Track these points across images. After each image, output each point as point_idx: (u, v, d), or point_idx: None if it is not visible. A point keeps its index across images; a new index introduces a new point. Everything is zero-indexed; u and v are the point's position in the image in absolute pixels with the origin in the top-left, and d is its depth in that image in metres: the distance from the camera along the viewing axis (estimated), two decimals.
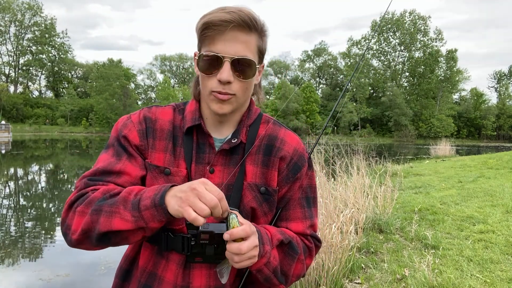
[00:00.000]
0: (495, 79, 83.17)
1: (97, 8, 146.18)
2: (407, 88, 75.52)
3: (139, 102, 72.89)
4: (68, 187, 12.38)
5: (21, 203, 9.87)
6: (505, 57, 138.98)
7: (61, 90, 78.64)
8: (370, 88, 74.28)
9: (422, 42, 73.33)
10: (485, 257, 4.21)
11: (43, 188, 12.33)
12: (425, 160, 19.28)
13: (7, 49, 75.11)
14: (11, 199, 10.34)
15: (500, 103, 74.49)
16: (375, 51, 75.48)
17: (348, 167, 6.26)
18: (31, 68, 76.26)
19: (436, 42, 73.34)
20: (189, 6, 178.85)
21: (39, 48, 74.63)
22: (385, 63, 77.14)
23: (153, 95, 77.98)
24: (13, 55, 74.27)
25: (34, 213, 8.64)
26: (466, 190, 8.44)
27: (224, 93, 1.00)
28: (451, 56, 71.70)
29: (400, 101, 64.67)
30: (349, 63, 72.82)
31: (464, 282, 3.57)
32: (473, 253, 4.34)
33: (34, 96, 76.41)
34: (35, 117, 66.62)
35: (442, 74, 73.22)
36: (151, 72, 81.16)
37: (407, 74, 76.83)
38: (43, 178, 14.91)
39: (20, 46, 74.19)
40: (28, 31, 74.78)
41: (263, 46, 1.06)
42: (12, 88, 72.50)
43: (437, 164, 15.90)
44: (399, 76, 75.96)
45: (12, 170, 16.82)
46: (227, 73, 0.98)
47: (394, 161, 12.85)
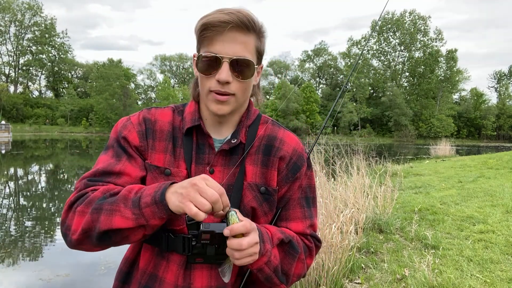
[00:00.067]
0: (495, 79, 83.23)
1: (97, 8, 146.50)
2: (407, 88, 75.51)
3: (139, 102, 72.90)
4: (68, 187, 12.38)
5: (21, 203, 9.87)
6: (505, 57, 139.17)
7: (61, 90, 78.67)
8: (370, 88, 74.26)
9: (422, 42, 73.34)
10: (485, 257, 4.21)
11: (43, 188, 12.33)
12: (425, 160, 19.27)
13: (7, 49, 75.29)
14: (11, 199, 10.34)
15: (500, 103, 74.49)
16: (375, 51, 75.49)
17: (348, 167, 6.26)
18: (31, 68, 76.31)
19: (436, 42, 73.45)
20: (188, 6, 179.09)
21: (39, 48, 74.66)
22: (385, 63, 77.15)
23: (153, 95, 78.01)
24: (13, 55, 74.39)
25: (34, 213, 8.64)
26: (466, 190, 8.44)
27: (223, 93, 1.01)
28: (451, 56, 71.71)
29: (400, 101, 64.66)
30: (349, 63, 72.79)
31: (464, 282, 3.58)
32: (473, 253, 4.35)
33: (34, 96, 76.46)
34: (35, 117, 66.65)
35: (442, 74, 73.22)
36: (151, 72, 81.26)
37: (407, 74, 76.83)
38: (43, 178, 14.90)
39: (20, 46, 74.24)
40: (28, 31, 74.84)
41: (262, 47, 1.07)
42: (12, 88, 72.62)
43: (437, 164, 15.90)
44: (399, 76, 75.95)
45: (12, 170, 16.82)
46: (226, 73, 0.98)
47: (394, 161, 12.85)
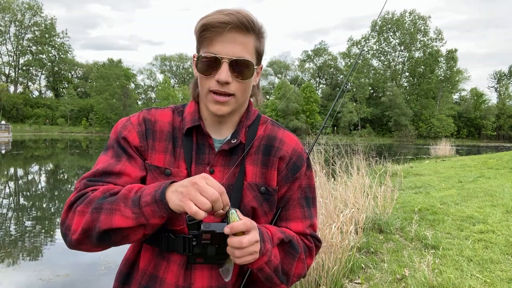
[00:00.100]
0: (495, 79, 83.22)
1: (97, 8, 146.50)
2: (407, 88, 75.50)
3: (139, 102, 72.90)
4: (68, 187, 12.38)
5: (21, 203, 9.87)
6: (505, 57, 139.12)
7: (61, 90, 78.67)
8: (370, 88, 74.25)
9: (422, 42, 73.34)
10: (485, 257, 4.21)
11: (43, 188, 12.33)
12: (425, 160, 19.27)
13: (7, 49, 75.27)
14: (11, 199, 10.35)
15: (500, 103, 74.48)
16: (375, 51, 75.49)
17: (348, 167, 6.26)
18: (31, 68, 76.31)
19: (436, 42, 73.44)
20: (189, 6, 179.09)
21: (39, 48, 74.66)
22: (385, 63, 77.14)
23: (153, 95, 78.01)
24: (13, 55, 74.39)
25: (34, 213, 8.64)
26: (466, 190, 8.44)
27: (222, 93, 1.01)
28: (451, 56, 71.70)
29: (400, 101, 64.66)
30: (349, 63, 72.78)
31: (464, 282, 3.58)
32: (473, 253, 4.35)
33: (34, 96, 76.47)
34: (35, 117, 66.65)
35: (442, 74, 73.21)
36: (151, 72, 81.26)
37: (407, 74, 76.82)
38: (43, 178, 14.90)
39: (20, 46, 74.24)
40: (28, 31, 74.84)
41: (261, 47, 1.07)
42: (12, 88, 72.62)
43: (437, 164, 15.89)
44: (399, 76, 75.94)
45: (12, 170, 16.82)
46: (225, 73, 0.99)
47: (394, 161, 12.85)
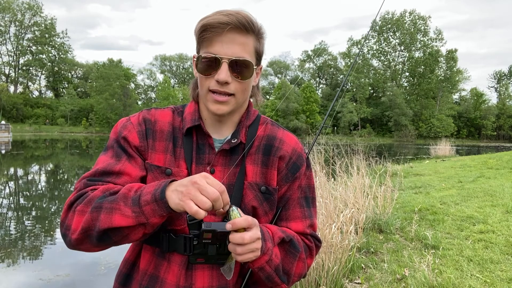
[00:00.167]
0: (495, 79, 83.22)
1: (97, 8, 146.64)
2: (407, 88, 75.50)
3: (139, 102, 72.93)
4: (68, 187, 12.38)
5: (21, 203, 9.87)
6: (505, 57, 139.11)
7: (61, 90, 78.71)
8: (370, 88, 74.26)
9: (422, 42, 73.33)
10: (485, 257, 4.21)
11: (43, 188, 12.32)
12: (425, 160, 19.27)
13: (7, 49, 75.35)
14: (11, 199, 10.34)
15: (500, 103, 74.46)
16: (375, 51, 75.47)
17: (348, 167, 6.26)
18: (31, 68, 76.34)
19: (436, 42, 73.43)
20: (189, 6, 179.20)
21: (39, 48, 74.67)
22: (385, 63, 77.12)
23: (153, 95, 78.06)
24: (13, 55, 74.41)
25: (34, 213, 8.64)
26: (466, 190, 8.44)
27: (221, 92, 1.02)
28: (451, 56, 71.70)
29: (400, 101, 64.65)
30: (349, 63, 72.77)
31: (464, 282, 3.58)
32: (473, 253, 4.34)
33: (34, 96, 76.49)
34: (35, 117, 66.66)
35: (442, 74, 73.20)
36: (151, 72, 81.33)
37: (407, 74, 76.81)
38: (43, 178, 14.90)
39: (20, 46, 74.25)
40: (28, 31, 74.86)
41: (261, 48, 1.07)
42: (12, 88, 72.67)
43: (437, 164, 15.89)
44: (399, 76, 75.93)
45: (12, 170, 16.82)
46: (225, 73, 0.99)
47: (394, 161, 12.85)
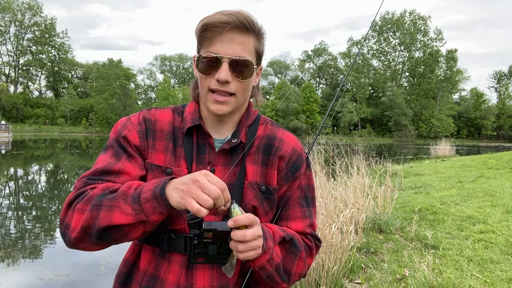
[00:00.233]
0: (495, 79, 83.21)
1: (97, 8, 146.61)
2: (407, 88, 75.47)
3: (139, 102, 72.92)
4: (68, 187, 12.38)
5: (21, 203, 9.87)
6: (505, 57, 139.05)
7: (61, 90, 78.70)
8: (370, 88, 74.24)
9: (422, 42, 73.31)
10: (485, 257, 4.21)
11: (43, 188, 12.32)
12: (425, 160, 19.27)
13: (7, 49, 75.33)
14: (11, 199, 10.34)
15: (500, 103, 74.45)
16: (375, 51, 75.44)
17: (348, 167, 6.26)
18: (31, 68, 76.33)
19: (436, 42, 73.40)
20: (189, 6, 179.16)
21: (39, 48, 74.67)
22: (385, 63, 77.10)
23: (153, 95, 78.05)
24: (13, 55, 74.41)
25: (34, 213, 8.64)
26: (466, 190, 8.44)
27: (222, 91, 1.02)
28: (451, 56, 71.70)
29: (400, 101, 64.65)
30: (349, 63, 72.73)
31: (464, 282, 3.58)
32: (473, 253, 4.34)
33: (34, 96, 76.48)
34: (35, 117, 66.66)
35: (442, 74, 73.18)
36: (151, 72, 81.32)
37: (407, 74, 76.77)
38: (43, 178, 14.90)
39: (20, 46, 74.24)
40: (28, 31, 74.86)
41: (261, 48, 1.08)
42: (12, 88, 72.66)
43: (437, 164, 15.89)
44: (399, 76, 75.91)
45: (12, 170, 16.82)
46: (225, 73, 0.99)
47: (394, 161, 12.85)
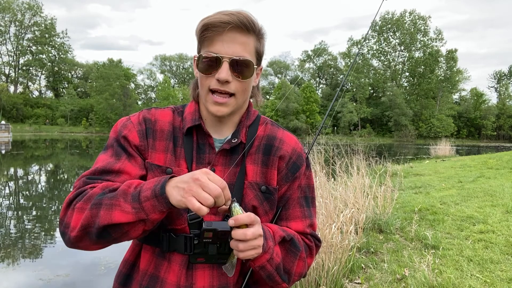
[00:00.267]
0: (495, 79, 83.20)
1: (97, 8, 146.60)
2: (407, 88, 75.45)
3: (139, 102, 72.91)
4: (68, 187, 12.38)
5: (21, 203, 9.87)
6: (505, 57, 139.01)
7: (61, 90, 78.70)
8: (370, 88, 74.22)
9: (422, 42, 73.30)
10: (485, 257, 4.21)
11: (43, 188, 12.32)
12: (425, 160, 19.27)
13: (7, 49, 75.32)
14: (11, 199, 10.34)
15: (500, 103, 74.44)
16: (375, 51, 75.42)
17: (348, 167, 6.26)
18: (31, 68, 76.33)
19: (436, 42, 73.38)
20: (189, 6, 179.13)
21: (39, 48, 74.66)
22: (385, 63, 77.08)
23: (153, 95, 78.04)
24: (13, 55, 74.40)
25: (34, 213, 8.63)
26: (466, 190, 8.43)
27: (222, 91, 1.02)
28: (451, 56, 71.69)
29: (400, 101, 64.64)
30: (349, 63, 72.75)
31: (464, 282, 3.58)
32: (473, 253, 4.34)
33: (34, 96, 76.47)
34: (35, 117, 66.65)
35: (442, 74, 73.17)
36: (151, 72, 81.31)
37: (407, 74, 76.75)
38: (43, 178, 14.90)
39: (20, 46, 74.24)
40: (28, 31, 74.85)
41: (261, 48, 1.08)
42: (12, 88, 72.66)
43: (437, 164, 15.89)
44: (399, 76, 75.89)
45: (12, 170, 16.81)
46: (226, 72, 0.99)
47: (394, 161, 12.85)
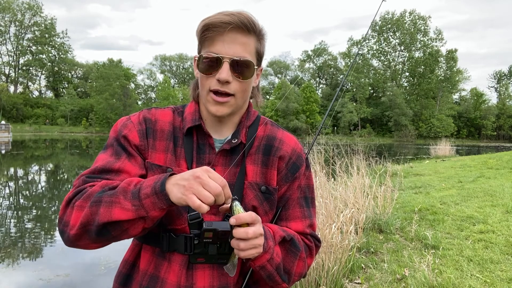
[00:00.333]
0: (495, 79, 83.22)
1: (97, 8, 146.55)
2: (407, 88, 75.45)
3: (139, 102, 72.90)
4: (68, 187, 12.38)
5: (21, 203, 9.87)
6: (505, 57, 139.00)
7: (61, 90, 78.69)
8: (370, 88, 74.22)
9: (422, 42, 73.29)
10: (485, 257, 4.21)
11: (43, 188, 12.32)
12: (425, 160, 19.27)
13: (7, 49, 75.29)
14: (11, 199, 10.34)
15: (500, 103, 74.43)
16: (375, 51, 75.42)
17: (348, 167, 6.26)
18: (31, 68, 76.31)
19: (436, 42, 73.39)
20: (189, 6, 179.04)
21: (39, 48, 74.65)
22: (385, 63, 77.07)
23: (153, 95, 78.04)
24: (13, 55, 74.40)
25: (34, 213, 8.64)
26: (466, 190, 8.43)
27: (222, 92, 1.02)
28: (451, 56, 71.69)
29: (400, 101, 64.64)
30: (349, 63, 72.75)
31: (464, 282, 3.58)
32: (473, 253, 4.34)
33: (34, 96, 76.46)
34: (35, 117, 66.64)
35: (442, 74, 73.17)
36: (151, 72, 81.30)
37: (407, 74, 76.75)
38: (43, 178, 14.90)
39: (20, 46, 74.22)
40: (28, 31, 74.85)
41: (261, 49, 1.08)
42: (12, 88, 72.64)
43: (437, 164, 15.89)
44: (399, 76, 75.89)
45: (12, 170, 16.82)
46: (226, 73, 0.99)
47: (394, 161, 12.85)
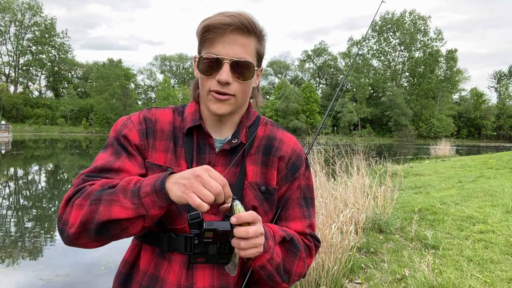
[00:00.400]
0: (495, 79, 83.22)
1: (97, 8, 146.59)
2: (407, 88, 75.46)
3: (139, 102, 72.92)
4: (68, 187, 12.36)
5: (21, 203, 9.87)
6: (505, 57, 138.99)
7: (61, 90, 78.71)
8: (370, 88, 74.22)
9: (422, 42, 73.29)
10: (485, 257, 4.21)
11: (43, 188, 12.33)
12: (425, 160, 19.27)
13: (7, 49, 75.31)
14: (11, 199, 10.35)
15: (500, 103, 74.43)
16: (375, 51, 75.43)
17: (348, 167, 6.26)
18: (31, 68, 76.33)
19: (436, 42, 73.38)
20: (189, 6, 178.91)
21: (39, 48, 74.66)
22: (385, 63, 77.07)
23: (153, 95, 78.06)
24: (13, 55, 74.40)
25: (34, 213, 8.64)
26: (466, 190, 8.44)
27: (222, 93, 1.02)
28: (451, 56, 71.70)
29: (400, 101, 64.65)
30: (349, 63, 72.76)
31: (464, 282, 3.58)
32: (473, 253, 4.35)
33: (34, 96, 76.48)
34: (35, 117, 66.66)
35: (442, 74, 73.17)
36: (151, 72, 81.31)
37: (407, 74, 76.75)
38: (43, 178, 14.90)
39: (20, 46, 74.24)
40: (28, 31, 74.85)
41: (262, 50, 1.08)
42: (12, 88, 72.66)
43: (437, 164, 15.89)
44: (399, 76, 75.89)
45: (12, 170, 16.82)
46: (226, 74, 1.00)
47: (394, 161, 12.86)
